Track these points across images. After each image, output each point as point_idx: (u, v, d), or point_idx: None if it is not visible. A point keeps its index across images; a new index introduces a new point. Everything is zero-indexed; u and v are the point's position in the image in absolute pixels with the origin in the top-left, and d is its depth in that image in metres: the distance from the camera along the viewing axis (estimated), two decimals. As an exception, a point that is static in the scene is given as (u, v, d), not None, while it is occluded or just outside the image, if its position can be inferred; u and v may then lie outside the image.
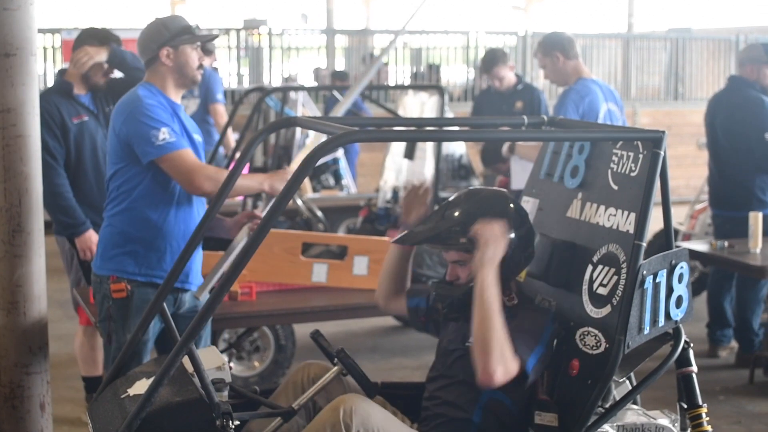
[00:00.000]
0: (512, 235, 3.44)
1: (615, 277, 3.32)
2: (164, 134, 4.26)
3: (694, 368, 3.50)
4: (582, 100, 6.25)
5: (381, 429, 3.25)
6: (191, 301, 4.50)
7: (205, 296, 4.31)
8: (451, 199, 3.59)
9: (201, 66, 4.45)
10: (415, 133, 4.03)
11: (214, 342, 5.53)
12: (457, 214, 3.48)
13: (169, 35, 4.38)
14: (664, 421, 3.45)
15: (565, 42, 6.46)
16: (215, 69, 9.84)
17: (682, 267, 3.35)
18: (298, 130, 8.54)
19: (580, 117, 6.18)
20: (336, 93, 10.27)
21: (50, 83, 12.96)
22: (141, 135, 4.27)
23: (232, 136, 8.96)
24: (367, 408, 3.26)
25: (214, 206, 3.59)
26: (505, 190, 3.68)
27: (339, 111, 6.12)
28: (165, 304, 3.63)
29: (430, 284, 3.66)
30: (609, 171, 3.52)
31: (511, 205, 3.53)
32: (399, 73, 15.53)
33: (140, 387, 3.39)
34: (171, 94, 4.43)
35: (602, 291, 3.35)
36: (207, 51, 5.90)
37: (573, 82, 6.43)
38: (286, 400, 3.53)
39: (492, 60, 8.15)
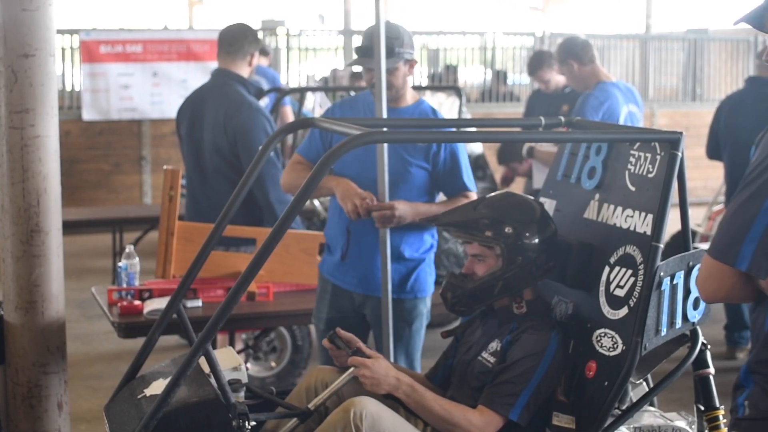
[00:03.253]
0: (536, 241, 3.44)
1: (632, 279, 3.31)
2: None
3: (712, 370, 3.50)
4: (601, 106, 6.19)
5: None
6: (376, 309, 4.48)
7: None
8: (487, 196, 3.61)
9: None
10: (433, 134, 4.02)
11: (231, 342, 5.53)
12: (488, 209, 3.48)
13: None
14: (681, 423, 3.44)
15: (578, 48, 6.42)
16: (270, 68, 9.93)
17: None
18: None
19: None
20: (353, 94, 10.27)
21: (68, 84, 13.06)
22: None
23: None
24: (378, 410, 3.26)
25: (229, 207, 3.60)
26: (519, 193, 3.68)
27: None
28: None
29: (446, 275, 3.66)
30: (626, 172, 3.51)
31: (540, 213, 3.52)
32: (416, 73, 15.53)
33: (157, 387, 3.40)
34: None
35: (619, 292, 3.34)
36: (264, 52, 6.08)
37: (593, 87, 6.38)
38: (299, 404, 3.53)
39: (535, 63, 8.15)
